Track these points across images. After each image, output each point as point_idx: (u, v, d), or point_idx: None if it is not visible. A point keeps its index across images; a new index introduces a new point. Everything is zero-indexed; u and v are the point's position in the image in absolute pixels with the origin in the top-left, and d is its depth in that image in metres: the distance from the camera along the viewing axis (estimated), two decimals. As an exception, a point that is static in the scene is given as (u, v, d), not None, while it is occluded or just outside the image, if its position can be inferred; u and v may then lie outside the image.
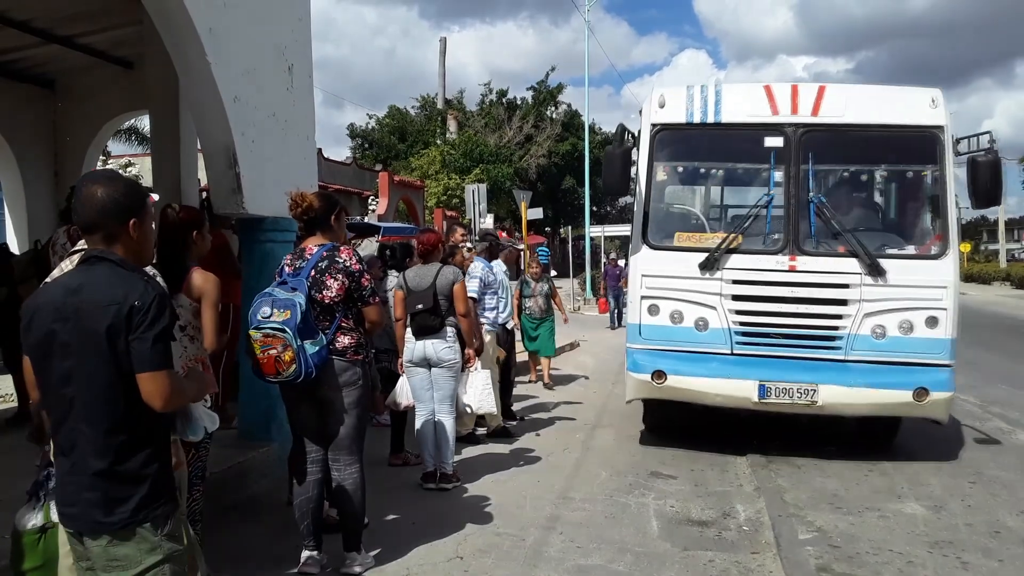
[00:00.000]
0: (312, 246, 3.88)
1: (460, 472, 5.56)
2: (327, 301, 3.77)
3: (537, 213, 19.56)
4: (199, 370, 3.15)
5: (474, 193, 13.95)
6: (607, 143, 7.22)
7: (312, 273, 3.77)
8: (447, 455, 5.36)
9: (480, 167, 29.90)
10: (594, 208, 35.24)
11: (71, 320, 2.17)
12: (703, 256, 5.98)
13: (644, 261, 6.19)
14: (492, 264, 6.98)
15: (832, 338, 5.83)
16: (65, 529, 2.32)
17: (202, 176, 6.72)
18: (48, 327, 2.19)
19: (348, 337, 3.82)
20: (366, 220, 18.98)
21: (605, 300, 19.74)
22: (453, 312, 5.24)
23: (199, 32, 4.72)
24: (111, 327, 2.13)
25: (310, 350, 3.58)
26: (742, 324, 5.95)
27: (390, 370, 5.60)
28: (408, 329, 5.31)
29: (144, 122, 15.59)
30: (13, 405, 6.65)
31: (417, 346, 5.24)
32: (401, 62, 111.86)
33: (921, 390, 5.60)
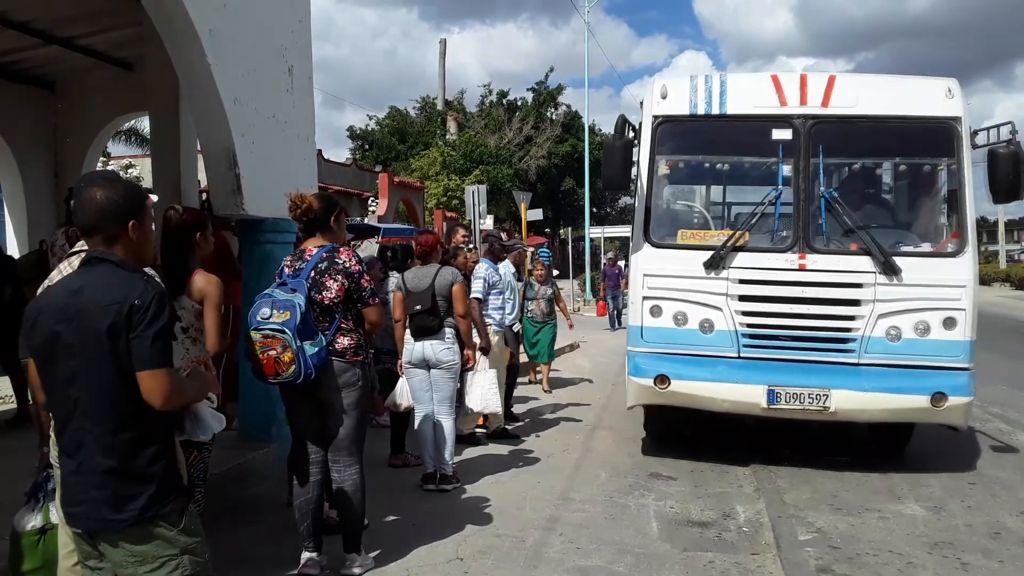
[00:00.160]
0: (312, 247, 3.88)
1: (460, 473, 5.56)
2: (327, 302, 3.78)
3: (537, 214, 19.59)
4: (201, 370, 3.16)
5: (474, 194, 13.95)
6: (607, 143, 7.08)
7: (312, 274, 3.78)
8: (447, 456, 5.36)
9: (480, 168, 29.92)
10: (594, 209, 35.24)
11: (74, 321, 2.19)
12: (708, 254, 5.71)
13: (646, 260, 5.91)
14: (498, 265, 6.98)
15: (844, 340, 5.58)
16: (72, 529, 2.33)
17: (202, 177, 6.73)
18: (52, 328, 2.22)
19: (348, 338, 3.82)
20: (366, 221, 18.99)
21: (604, 303, 19.10)
22: (452, 313, 5.25)
23: (199, 34, 4.72)
24: (112, 326, 2.16)
25: (309, 351, 3.59)
26: (749, 326, 5.68)
27: (391, 371, 5.60)
28: (407, 330, 5.31)
29: (144, 123, 15.65)
30: (12, 407, 6.65)
31: (416, 347, 5.24)
32: (401, 63, 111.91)
33: (939, 395, 5.34)
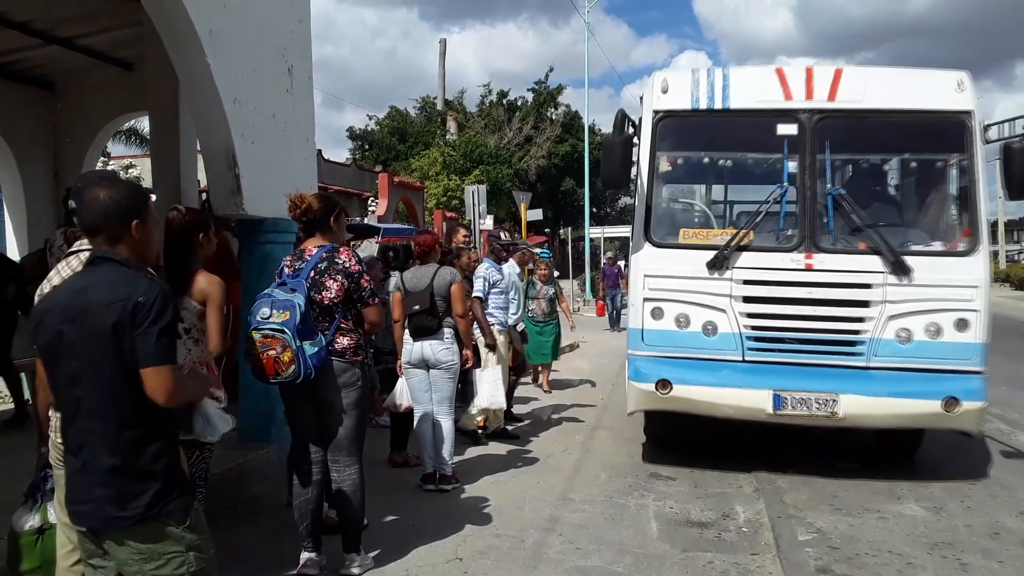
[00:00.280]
0: (311, 247, 3.88)
1: (459, 473, 5.56)
2: (326, 302, 3.78)
3: (537, 214, 19.62)
4: (199, 370, 3.15)
5: (474, 194, 13.97)
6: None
7: (311, 274, 3.78)
8: (446, 456, 5.36)
9: (480, 168, 29.93)
10: (594, 209, 35.25)
11: (77, 321, 2.21)
12: (711, 254, 5.52)
13: (647, 260, 5.70)
14: (502, 265, 6.97)
15: (853, 343, 5.39)
16: (76, 528, 2.34)
17: (202, 177, 6.72)
18: (56, 328, 2.25)
19: (347, 338, 3.82)
20: (366, 221, 18.99)
21: (603, 304, 18.88)
22: (451, 313, 5.24)
23: (199, 34, 4.72)
24: (117, 324, 2.18)
25: (309, 351, 3.59)
26: (754, 328, 5.48)
27: (393, 371, 5.59)
28: (406, 330, 5.31)
29: (144, 123, 15.63)
30: (10, 407, 6.65)
31: (415, 347, 5.24)
32: (401, 63, 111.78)
33: (951, 399, 5.16)
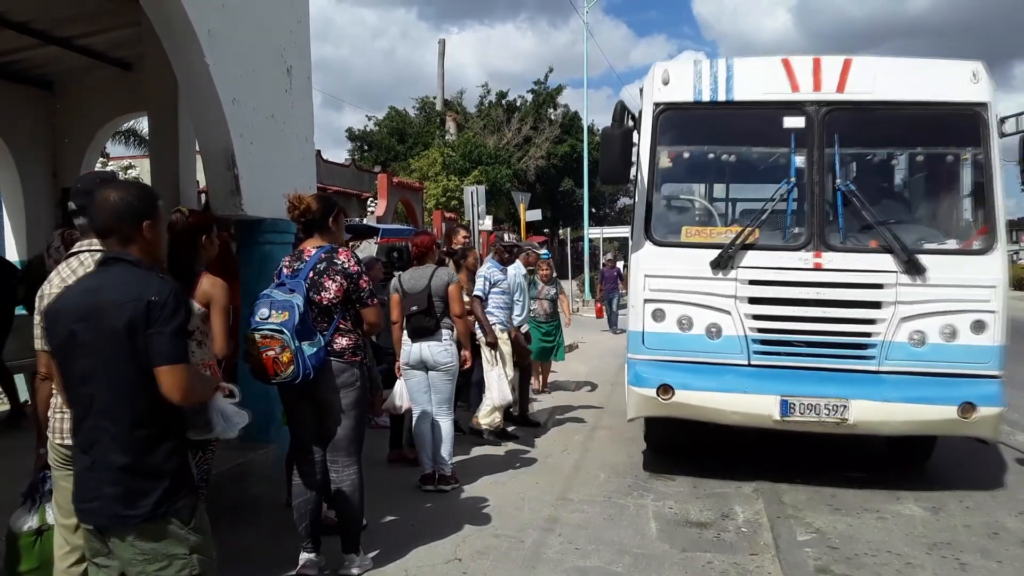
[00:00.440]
0: (310, 248, 3.88)
1: (458, 473, 5.56)
2: (325, 302, 3.78)
3: (536, 215, 19.61)
4: (201, 370, 3.15)
5: (473, 195, 13.98)
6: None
7: (310, 275, 3.78)
8: (445, 456, 5.36)
9: (479, 168, 29.92)
10: (593, 210, 35.27)
11: (90, 320, 2.23)
12: (715, 253, 5.28)
13: (647, 259, 5.46)
14: (507, 267, 6.96)
15: (864, 346, 5.16)
16: (83, 526, 2.35)
17: (201, 178, 6.73)
18: (69, 328, 2.26)
19: (346, 338, 3.82)
20: (365, 222, 19.00)
21: (601, 306, 18.51)
22: (448, 314, 5.24)
23: (198, 34, 4.73)
24: (130, 323, 2.19)
25: (308, 351, 3.59)
26: (760, 331, 5.25)
27: (393, 371, 5.59)
28: (404, 332, 5.31)
29: (143, 124, 15.60)
30: (7, 407, 6.65)
31: (413, 348, 5.24)
32: (400, 64, 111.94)
33: (967, 405, 4.91)
